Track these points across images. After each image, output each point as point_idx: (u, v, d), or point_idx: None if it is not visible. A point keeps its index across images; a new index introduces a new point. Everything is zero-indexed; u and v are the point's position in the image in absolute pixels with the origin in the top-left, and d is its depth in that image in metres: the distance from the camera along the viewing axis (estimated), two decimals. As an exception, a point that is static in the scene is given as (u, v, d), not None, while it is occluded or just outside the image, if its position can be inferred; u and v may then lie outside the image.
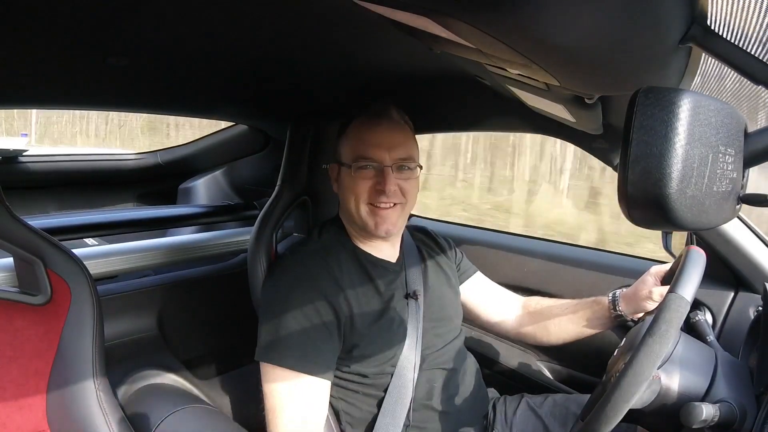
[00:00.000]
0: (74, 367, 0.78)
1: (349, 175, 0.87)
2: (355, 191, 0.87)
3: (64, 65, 0.82)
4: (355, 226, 0.92)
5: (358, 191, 0.87)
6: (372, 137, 0.87)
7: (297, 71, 0.95)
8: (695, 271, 0.59)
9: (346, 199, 0.90)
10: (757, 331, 0.79)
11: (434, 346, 0.92)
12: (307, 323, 0.81)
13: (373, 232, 0.88)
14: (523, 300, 1.10)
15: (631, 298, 0.92)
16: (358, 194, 0.87)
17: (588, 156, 1.11)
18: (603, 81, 0.52)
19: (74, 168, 1.81)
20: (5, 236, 0.75)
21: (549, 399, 1.01)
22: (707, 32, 0.38)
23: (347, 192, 0.89)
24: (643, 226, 0.40)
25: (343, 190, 0.91)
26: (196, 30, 0.70)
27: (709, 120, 0.36)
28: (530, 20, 0.35)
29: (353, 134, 0.90)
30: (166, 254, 1.27)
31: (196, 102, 1.27)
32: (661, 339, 0.54)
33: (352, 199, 0.88)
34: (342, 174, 0.90)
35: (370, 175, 0.86)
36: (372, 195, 0.87)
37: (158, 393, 1.05)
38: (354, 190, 0.87)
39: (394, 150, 0.86)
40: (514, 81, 0.65)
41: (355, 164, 0.86)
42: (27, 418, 0.76)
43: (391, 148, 0.86)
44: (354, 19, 0.62)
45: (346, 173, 0.89)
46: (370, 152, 0.86)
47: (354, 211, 0.88)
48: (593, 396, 0.75)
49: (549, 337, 1.03)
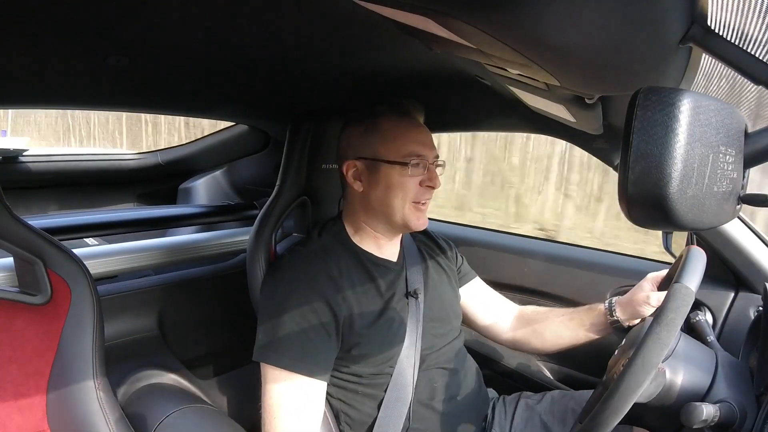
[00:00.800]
0: (74, 367, 0.78)
1: (398, 172, 0.87)
2: (404, 188, 0.87)
3: (64, 65, 0.82)
4: (383, 221, 0.91)
5: (408, 188, 0.87)
6: (418, 135, 0.89)
7: (297, 71, 0.95)
8: (698, 266, 0.59)
9: (387, 198, 0.88)
10: (757, 331, 0.79)
11: (434, 346, 0.92)
12: (305, 324, 0.81)
13: (414, 227, 0.90)
14: (519, 308, 1.10)
15: (628, 304, 0.92)
16: (407, 191, 0.87)
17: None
18: (603, 81, 0.52)
19: (74, 168, 1.81)
20: (5, 236, 0.75)
21: (547, 396, 1.01)
22: (707, 32, 0.38)
23: (394, 189, 0.87)
24: (643, 226, 0.40)
25: (382, 188, 0.88)
26: (196, 30, 0.70)
27: (709, 120, 0.36)
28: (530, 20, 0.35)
29: (395, 130, 0.88)
30: (166, 254, 1.27)
31: (196, 102, 1.27)
32: (669, 326, 0.54)
33: (399, 196, 0.87)
34: (381, 172, 0.88)
35: (420, 171, 0.88)
36: (418, 192, 0.88)
37: (158, 393, 1.05)
38: (404, 187, 0.87)
39: (433, 148, 0.90)
40: (514, 81, 0.66)
41: (411, 160, 0.86)
42: (27, 418, 0.76)
43: (431, 147, 0.90)
44: (354, 19, 0.62)
45: (392, 170, 0.87)
46: (420, 149, 0.87)
47: (398, 208, 0.88)
48: (593, 396, 0.75)
49: (544, 343, 1.03)
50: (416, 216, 0.89)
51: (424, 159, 0.87)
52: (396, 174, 0.87)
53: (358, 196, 0.91)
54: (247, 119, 1.58)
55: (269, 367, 0.80)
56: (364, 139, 0.90)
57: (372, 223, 0.92)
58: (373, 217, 0.91)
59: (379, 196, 0.89)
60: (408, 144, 0.87)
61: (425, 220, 0.90)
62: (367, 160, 0.89)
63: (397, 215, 0.89)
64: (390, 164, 0.87)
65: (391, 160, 0.87)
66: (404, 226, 0.90)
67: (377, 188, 0.89)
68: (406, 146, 0.87)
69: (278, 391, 0.79)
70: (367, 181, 0.90)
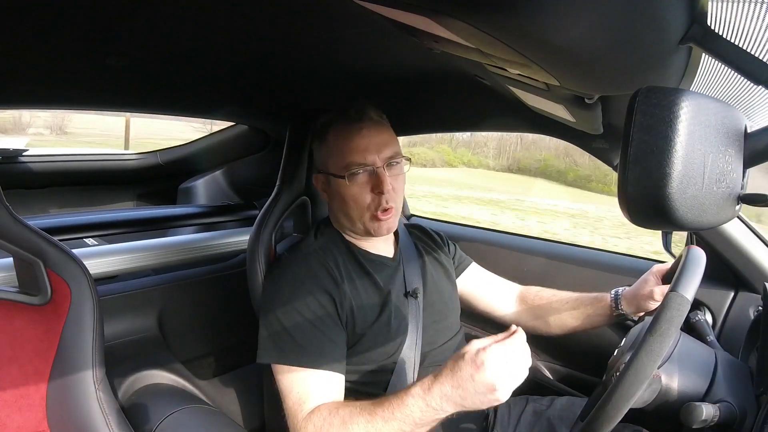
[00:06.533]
0: (74, 367, 0.78)
1: (344, 185, 0.86)
2: (355, 199, 0.86)
3: (65, 65, 0.82)
4: (353, 229, 0.92)
5: (359, 200, 0.86)
6: (359, 142, 0.85)
7: (297, 71, 0.95)
8: (696, 271, 0.59)
9: (344, 209, 0.88)
10: (757, 331, 0.79)
11: (435, 343, 0.92)
12: (315, 319, 0.81)
13: (377, 234, 0.89)
14: (521, 289, 1.10)
15: (633, 297, 0.92)
16: (358, 202, 0.86)
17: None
18: (603, 81, 0.52)
19: (74, 168, 1.81)
20: (5, 236, 0.75)
21: (555, 402, 1.01)
22: (707, 32, 0.38)
23: (347, 201, 0.87)
24: (643, 226, 0.40)
25: (338, 201, 0.89)
26: (196, 30, 0.70)
27: (709, 120, 0.36)
28: (530, 20, 0.35)
29: (336, 142, 0.87)
30: (166, 254, 1.27)
31: (196, 102, 1.27)
32: (662, 338, 0.54)
33: (353, 207, 0.87)
34: (334, 184, 0.88)
35: (364, 180, 0.86)
36: (372, 203, 0.86)
37: (158, 393, 1.05)
38: (354, 199, 0.86)
39: (383, 150, 0.86)
40: (514, 81, 0.66)
41: (348, 172, 0.85)
42: (27, 418, 0.76)
43: (379, 150, 0.86)
44: (354, 19, 0.62)
45: (339, 183, 0.87)
46: (360, 158, 0.85)
47: (356, 219, 0.88)
48: (593, 396, 0.75)
49: (549, 329, 1.04)
50: (377, 225, 0.87)
51: (365, 165, 0.85)
52: (343, 186, 0.86)
53: (329, 205, 0.94)
54: (247, 119, 1.58)
55: (286, 368, 0.79)
56: (319, 152, 0.92)
57: (348, 228, 0.93)
58: (343, 225, 0.93)
59: (339, 206, 0.90)
60: (346, 155, 0.85)
61: (389, 226, 0.88)
62: (323, 173, 0.91)
63: (357, 224, 0.89)
64: (336, 177, 0.87)
65: (334, 173, 0.87)
66: (367, 234, 0.90)
67: (335, 200, 0.90)
68: (344, 157, 0.85)
69: (300, 389, 0.78)
70: (329, 194, 0.91)
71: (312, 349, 0.79)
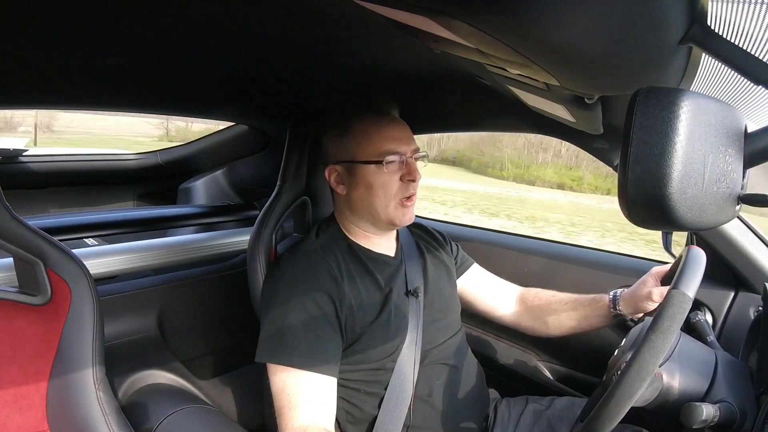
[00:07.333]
0: (74, 368, 0.78)
1: (374, 172, 0.87)
2: (384, 186, 0.88)
3: (65, 65, 0.82)
4: (370, 221, 0.92)
5: (388, 186, 0.88)
6: (393, 132, 0.89)
7: (297, 71, 0.95)
8: (696, 270, 0.59)
9: (368, 198, 0.89)
10: (757, 331, 0.79)
11: (435, 342, 0.92)
12: (310, 319, 0.81)
13: (400, 224, 0.90)
14: (521, 290, 1.11)
15: (632, 299, 0.92)
16: (387, 189, 0.88)
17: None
18: (603, 81, 0.52)
19: (74, 168, 1.81)
20: (5, 236, 0.75)
21: (555, 402, 1.01)
22: (707, 32, 0.38)
23: (374, 189, 0.88)
24: (643, 226, 0.40)
25: (362, 190, 0.89)
26: (197, 30, 0.70)
27: (709, 120, 0.36)
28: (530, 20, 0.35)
29: (368, 131, 0.89)
30: (166, 254, 1.27)
31: (196, 102, 1.27)
32: (664, 334, 0.54)
33: (380, 195, 0.88)
34: (359, 173, 0.89)
35: (396, 168, 0.88)
36: (400, 189, 0.88)
37: (158, 393, 1.06)
38: (383, 185, 0.87)
39: (411, 143, 0.90)
40: (514, 81, 0.65)
41: (385, 159, 0.86)
42: (27, 418, 0.76)
43: (408, 141, 0.90)
44: (354, 18, 0.62)
45: (368, 171, 0.88)
46: (395, 146, 0.87)
47: (382, 207, 0.89)
48: (593, 396, 0.75)
49: (547, 330, 1.04)
50: (401, 213, 0.89)
51: (400, 155, 0.87)
52: (373, 174, 0.88)
53: (343, 198, 0.93)
54: (247, 119, 1.58)
55: (279, 368, 0.80)
56: (340, 142, 0.91)
57: (360, 223, 0.93)
58: (360, 217, 0.93)
59: (362, 197, 0.90)
60: (381, 142, 0.87)
61: (411, 215, 0.91)
62: (345, 163, 0.90)
63: (381, 214, 0.89)
64: (366, 164, 0.88)
65: (366, 160, 0.88)
66: (390, 223, 0.91)
67: (358, 190, 0.90)
68: (379, 144, 0.87)
69: (290, 391, 0.79)
70: (349, 184, 0.91)
71: (302, 350, 0.79)
